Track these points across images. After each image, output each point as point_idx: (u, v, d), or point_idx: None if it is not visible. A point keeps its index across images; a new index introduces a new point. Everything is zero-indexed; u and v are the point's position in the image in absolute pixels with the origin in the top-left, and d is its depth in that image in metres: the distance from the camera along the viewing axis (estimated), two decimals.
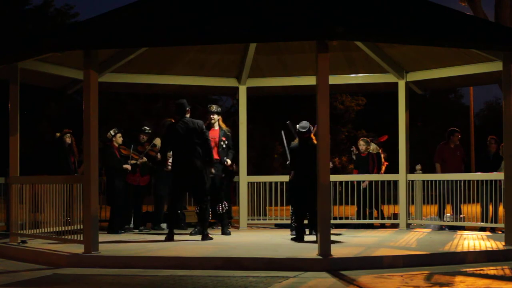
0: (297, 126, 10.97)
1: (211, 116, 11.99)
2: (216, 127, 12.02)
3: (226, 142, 12.02)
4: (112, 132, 12.65)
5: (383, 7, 10.08)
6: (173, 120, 13.08)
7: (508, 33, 10.68)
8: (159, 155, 12.46)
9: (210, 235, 10.95)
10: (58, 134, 13.39)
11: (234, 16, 9.41)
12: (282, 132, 12.02)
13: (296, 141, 11.08)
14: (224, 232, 11.85)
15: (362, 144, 14.51)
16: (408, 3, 10.60)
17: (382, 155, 14.34)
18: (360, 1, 10.11)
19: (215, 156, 11.73)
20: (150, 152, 12.85)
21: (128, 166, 12.47)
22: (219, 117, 12.15)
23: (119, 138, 12.62)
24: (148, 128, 13.31)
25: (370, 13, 9.77)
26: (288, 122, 11.85)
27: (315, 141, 10.64)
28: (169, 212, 11.20)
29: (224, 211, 11.95)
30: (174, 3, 10.24)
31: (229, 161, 12.10)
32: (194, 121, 10.99)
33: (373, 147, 14.36)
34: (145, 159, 12.72)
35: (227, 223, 12.20)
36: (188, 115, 11.01)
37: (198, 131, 10.87)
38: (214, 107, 12.11)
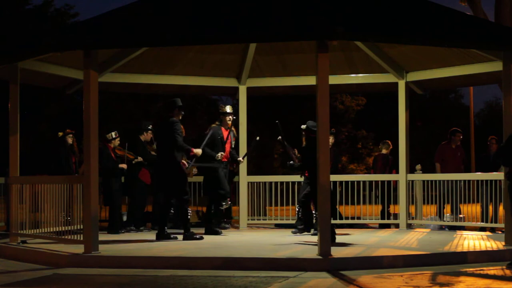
0: (308, 125, 10.94)
1: (229, 117, 12.11)
2: (226, 127, 12.12)
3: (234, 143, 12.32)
4: (113, 134, 12.65)
5: (383, 7, 10.08)
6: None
7: (508, 33, 10.68)
8: None
9: (196, 236, 10.88)
10: (60, 134, 13.39)
11: (234, 16, 9.41)
12: (278, 122, 11.98)
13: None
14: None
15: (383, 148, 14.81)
16: (408, 3, 10.60)
17: None
18: (360, 1, 10.10)
19: (226, 157, 11.99)
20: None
21: (124, 165, 12.48)
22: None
23: (117, 141, 12.67)
24: (150, 126, 13.18)
25: (370, 13, 9.77)
26: (277, 121, 11.95)
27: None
28: (160, 213, 11.27)
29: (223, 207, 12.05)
30: (174, 3, 10.24)
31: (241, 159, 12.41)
32: (168, 120, 10.89)
33: None
34: (140, 158, 12.70)
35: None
36: (179, 117, 10.93)
37: (169, 128, 10.79)
38: (229, 108, 12.20)
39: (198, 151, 11.10)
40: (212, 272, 8.22)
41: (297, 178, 13.02)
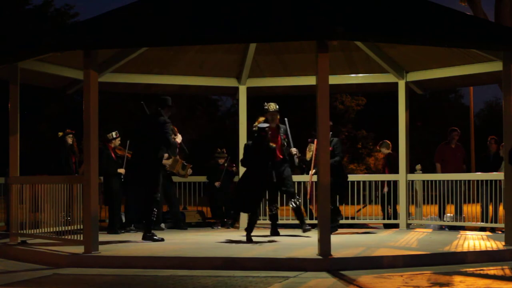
0: (258, 125, 10.99)
1: (272, 115, 11.60)
2: (274, 125, 11.63)
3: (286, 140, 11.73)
4: (114, 134, 12.66)
5: (383, 7, 10.09)
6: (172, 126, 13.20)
7: (508, 33, 10.68)
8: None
9: (155, 237, 10.73)
10: (60, 134, 13.40)
11: (234, 16, 9.41)
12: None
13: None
14: (274, 232, 11.79)
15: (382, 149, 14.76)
16: (408, 3, 10.60)
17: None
18: (360, 1, 10.11)
19: (279, 156, 11.46)
20: None
21: (122, 171, 12.45)
22: (278, 113, 11.71)
23: (117, 141, 12.68)
24: None
25: (370, 13, 9.77)
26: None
27: (271, 143, 10.89)
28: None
29: (297, 204, 11.72)
30: (174, 3, 10.24)
31: (293, 150, 11.62)
32: (158, 118, 10.77)
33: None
34: None
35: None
36: (167, 115, 10.83)
37: (159, 127, 10.66)
38: (273, 106, 11.65)
39: (179, 139, 11.19)
40: (212, 272, 8.22)
41: (297, 178, 13.01)
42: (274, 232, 11.80)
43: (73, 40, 9.39)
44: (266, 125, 10.96)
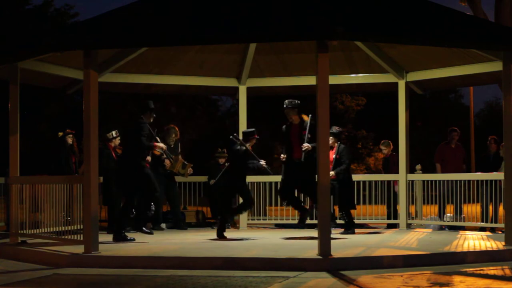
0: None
1: (287, 111, 11.05)
2: (295, 122, 11.07)
3: (309, 136, 10.81)
4: (114, 133, 12.67)
5: (383, 7, 10.09)
6: (172, 126, 13.24)
7: (508, 33, 10.68)
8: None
9: (129, 237, 10.80)
10: (60, 134, 13.40)
11: (234, 16, 9.41)
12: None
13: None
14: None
15: (383, 148, 14.69)
16: (408, 3, 10.61)
17: None
18: (360, 1, 10.11)
19: (297, 155, 10.95)
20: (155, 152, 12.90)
21: None
22: (294, 110, 11.05)
23: (117, 140, 12.69)
24: None
25: (370, 13, 9.77)
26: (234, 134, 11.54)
27: (240, 147, 11.09)
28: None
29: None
30: (174, 3, 10.24)
31: (304, 146, 10.78)
32: (136, 121, 10.90)
33: None
34: None
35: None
36: (150, 119, 10.93)
37: (135, 129, 10.79)
38: (286, 102, 11.07)
39: (160, 145, 11.24)
40: (212, 272, 8.22)
41: None
42: (301, 223, 11.38)
43: (73, 40, 9.39)
44: (250, 130, 11.21)
